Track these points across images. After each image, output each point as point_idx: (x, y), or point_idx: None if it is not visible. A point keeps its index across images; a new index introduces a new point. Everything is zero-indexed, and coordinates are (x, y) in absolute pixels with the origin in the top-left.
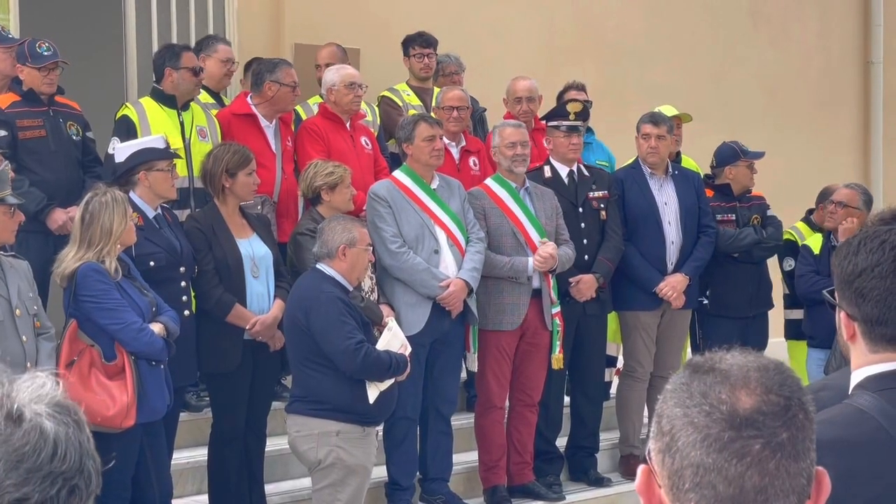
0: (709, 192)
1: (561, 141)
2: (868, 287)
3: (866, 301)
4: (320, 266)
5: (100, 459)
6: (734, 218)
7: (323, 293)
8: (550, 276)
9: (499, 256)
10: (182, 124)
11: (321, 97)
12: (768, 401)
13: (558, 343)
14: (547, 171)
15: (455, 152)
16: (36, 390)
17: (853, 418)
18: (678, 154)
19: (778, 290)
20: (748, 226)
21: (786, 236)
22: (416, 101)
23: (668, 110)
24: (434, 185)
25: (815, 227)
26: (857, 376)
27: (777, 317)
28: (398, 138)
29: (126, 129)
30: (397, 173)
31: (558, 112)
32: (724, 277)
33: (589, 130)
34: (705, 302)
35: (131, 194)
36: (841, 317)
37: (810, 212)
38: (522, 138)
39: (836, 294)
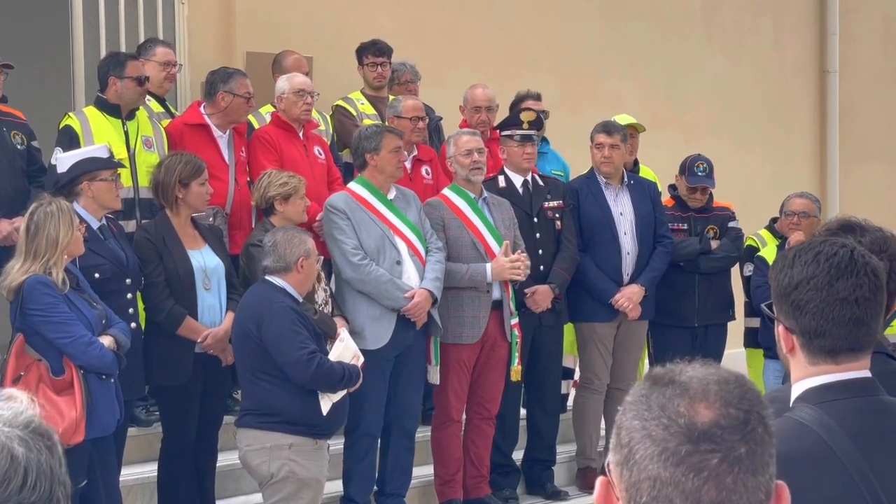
0: (669, 202)
1: (515, 150)
2: (805, 299)
3: (804, 314)
4: (270, 278)
5: (70, 483)
6: (686, 227)
7: (275, 303)
8: (510, 286)
9: (457, 265)
10: (127, 134)
11: (273, 106)
12: (727, 414)
13: (517, 354)
14: (501, 181)
15: (407, 162)
16: (8, 413)
17: (794, 432)
18: (636, 163)
19: (742, 302)
20: (699, 236)
21: (748, 243)
22: (370, 109)
23: (624, 119)
24: (391, 196)
25: (778, 236)
26: (797, 389)
27: (739, 324)
28: (361, 148)
29: (69, 140)
30: (353, 185)
31: (512, 121)
32: (668, 287)
33: (544, 140)
34: None
35: (75, 205)
36: (779, 330)
37: (774, 220)
38: (478, 146)
39: (773, 307)
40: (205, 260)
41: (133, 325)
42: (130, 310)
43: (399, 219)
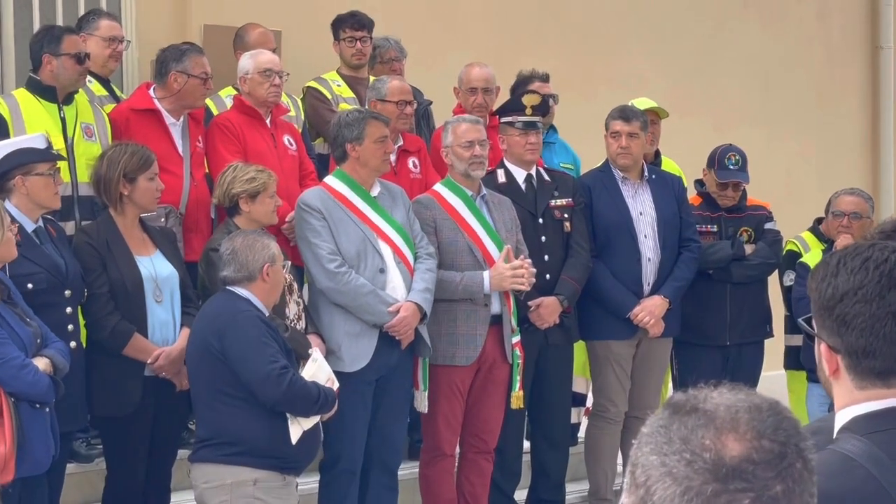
0: (697, 200)
1: (516, 140)
2: (851, 313)
3: (850, 330)
4: (233, 289)
5: None
6: (716, 229)
7: (241, 312)
8: (511, 298)
9: (450, 273)
10: (64, 121)
11: (235, 88)
12: (760, 447)
13: (519, 378)
14: (501, 176)
15: (392, 154)
16: None
17: (839, 466)
18: (658, 155)
19: (781, 316)
20: (731, 239)
21: (788, 247)
22: (348, 92)
23: (644, 104)
24: (374, 193)
25: (824, 239)
26: (842, 417)
27: (778, 343)
28: (341, 137)
29: None
30: (330, 179)
31: (513, 106)
32: (696, 299)
33: (551, 128)
34: None
35: (6, 203)
36: (821, 349)
37: (819, 220)
38: (480, 136)
39: (814, 322)
40: (155, 268)
41: (73, 344)
42: (70, 326)
43: (384, 219)
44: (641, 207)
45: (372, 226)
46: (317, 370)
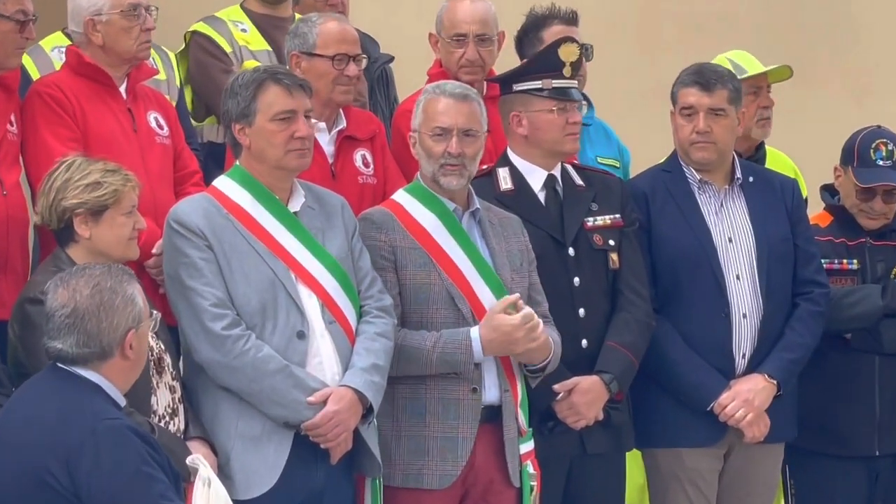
0: (824, 218)
1: (549, 119)
2: None
3: None
4: (77, 370)
5: None
6: (856, 266)
7: (102, 421)
8: (517, 380)
9: (417, 335)
10: None
11: (67, 36)
12: None
13: None
14: (504, 180)
15: (327, 141)
16: None
17: None
18: (760, 146)
19: None
20: (882, 282)
21: None
22: (258, 42)
23: (744, 60)
24: (295, 207)
25: None
26: None
27: None
28: (227, 114)
29: None
30: (223, 184)
31: (543, 63)
32: (824, 381)
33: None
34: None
35: None
36: None
37: None
38: (466, 122)
39: None
40: None
41: None
42: None
43: (308, 250)
44: (731, 230)
45: (288, 260)
46: (212, 497)
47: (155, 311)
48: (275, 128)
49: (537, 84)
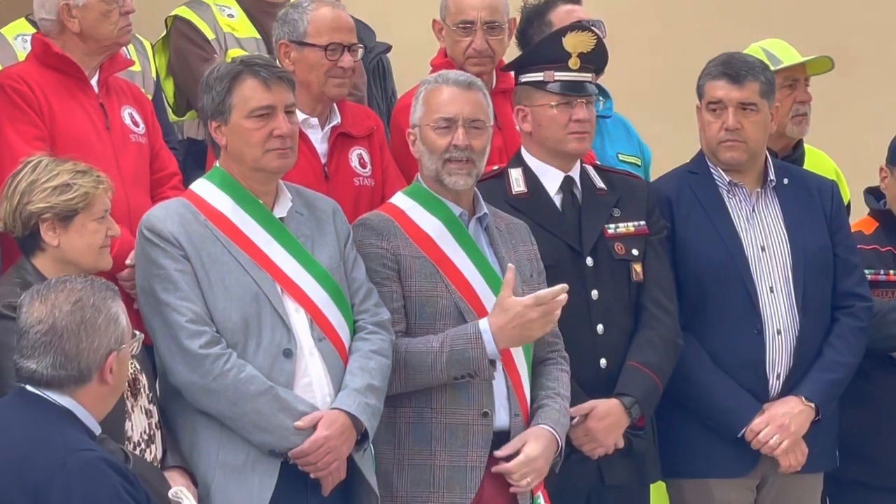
0: (868, 224)
1: (551, 115)
2: None
3: None
4: (50, 394)
5: None
6: None
7: (74, 454)
8: (528, 402)
9: (422, 341)
10: None
11: (31, 23)
12: None
13: None
14: (517, 181)
15: (318, 139)
16: None
17: None
18: (798, 145)
19: None
20: None
21: None
22: (246, 28)
23: (779, 50)
24: (281, 212)
25: None
26: None
27: None
28: (204, 110)
29: None
30: (201, 187)
31: (547, 53)
32: (867, 404)
33: (602, 93)
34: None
35: None
36: None
37: None
38: (472, 112)
39: None
40: None
41: None
42: None
43: (296, 259)
44: (764, 237)
45: (273, 271)
46: None
47: (138, 333)
48: (251, 125)
49: (539, 76)
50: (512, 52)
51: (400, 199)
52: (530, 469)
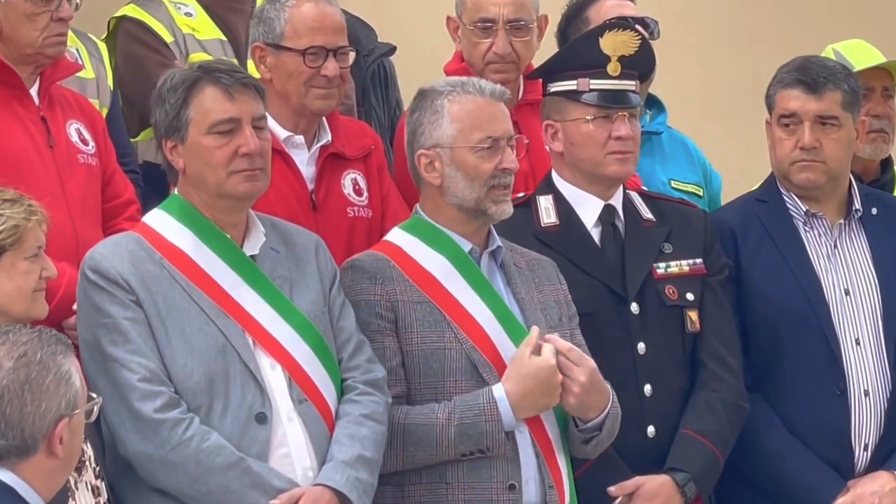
0: None
1: (586, 132)
2: None
3: None
4: None
5: None
6: None
7: None
8: (563, 473)
9: (425, 409)
10: None
11: None
12: None
13: None
14: (546, 212)
15: (304, 160)
16: None
17: None
18: (887, 166)
19: None
20: None
21: None
22: (208, 28)
23: (853, 52)
24: (252, 248)
25: None
26: None
27: None
28: (158, 127)
29: None
30: (156, 219)
31: (581, 57)
32: None
33: (652, 103)
34: None
35: None
36: None
37: None
38: (502, 128)
39: None
40: None
41: None
42: None
43: (270, 305)
44: (848, 279)
45: (244, 319)
46: None
47: (95, 396)
48: (212, 143)
49: (572, 85)
50: (545, 56)
51: (397, 236)
52: None
